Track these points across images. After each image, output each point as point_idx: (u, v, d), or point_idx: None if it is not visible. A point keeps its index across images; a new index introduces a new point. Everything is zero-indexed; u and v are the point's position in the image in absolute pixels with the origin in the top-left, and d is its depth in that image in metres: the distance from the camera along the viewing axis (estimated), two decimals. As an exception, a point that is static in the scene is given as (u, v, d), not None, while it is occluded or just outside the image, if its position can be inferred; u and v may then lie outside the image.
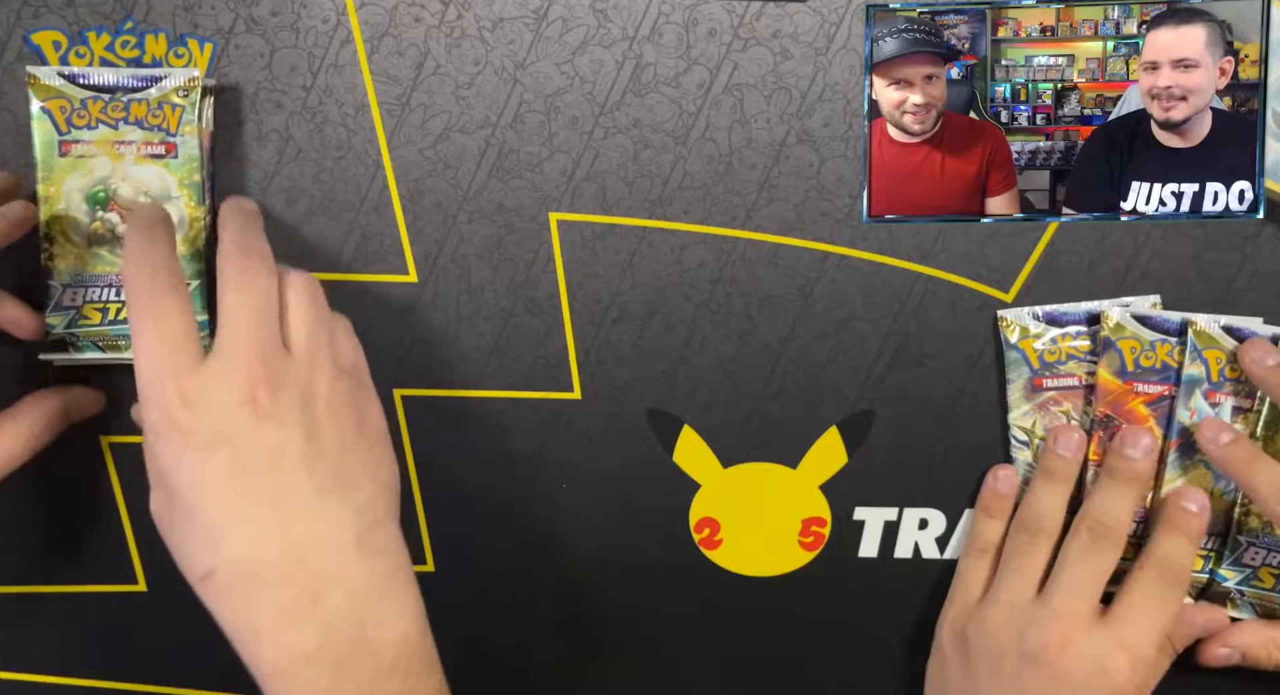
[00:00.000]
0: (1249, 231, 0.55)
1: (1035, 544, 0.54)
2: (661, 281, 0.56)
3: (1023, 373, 0.56)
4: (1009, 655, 0.52)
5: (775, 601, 0.58)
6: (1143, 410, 0.55)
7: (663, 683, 0.59)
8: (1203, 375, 0.54)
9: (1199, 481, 0.55)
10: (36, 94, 0.51)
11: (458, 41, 0.54)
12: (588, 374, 0.57)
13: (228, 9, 0.53)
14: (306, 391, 0.44)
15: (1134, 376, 0.55)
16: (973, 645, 0.54)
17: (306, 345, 0.46)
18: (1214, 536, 0.55)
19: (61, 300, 0.52)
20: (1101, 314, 0.55)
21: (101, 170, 0.52)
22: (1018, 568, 0.54)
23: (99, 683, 0.58)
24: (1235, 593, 0.55)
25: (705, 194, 0.55)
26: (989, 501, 0.56)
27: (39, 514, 0.57)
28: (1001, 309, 0.56)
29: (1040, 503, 0.55)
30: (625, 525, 0.58)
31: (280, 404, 0.43)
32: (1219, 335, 0.54)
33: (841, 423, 0.57)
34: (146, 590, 0.58)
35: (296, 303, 0.47)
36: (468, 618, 0.57)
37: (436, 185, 0.55)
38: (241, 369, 0.43)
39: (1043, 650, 0.51)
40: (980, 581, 0.56)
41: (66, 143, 0.52)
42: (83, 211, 0.52)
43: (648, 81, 0.54)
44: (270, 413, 0.43)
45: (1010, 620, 0.53)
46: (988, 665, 0.53)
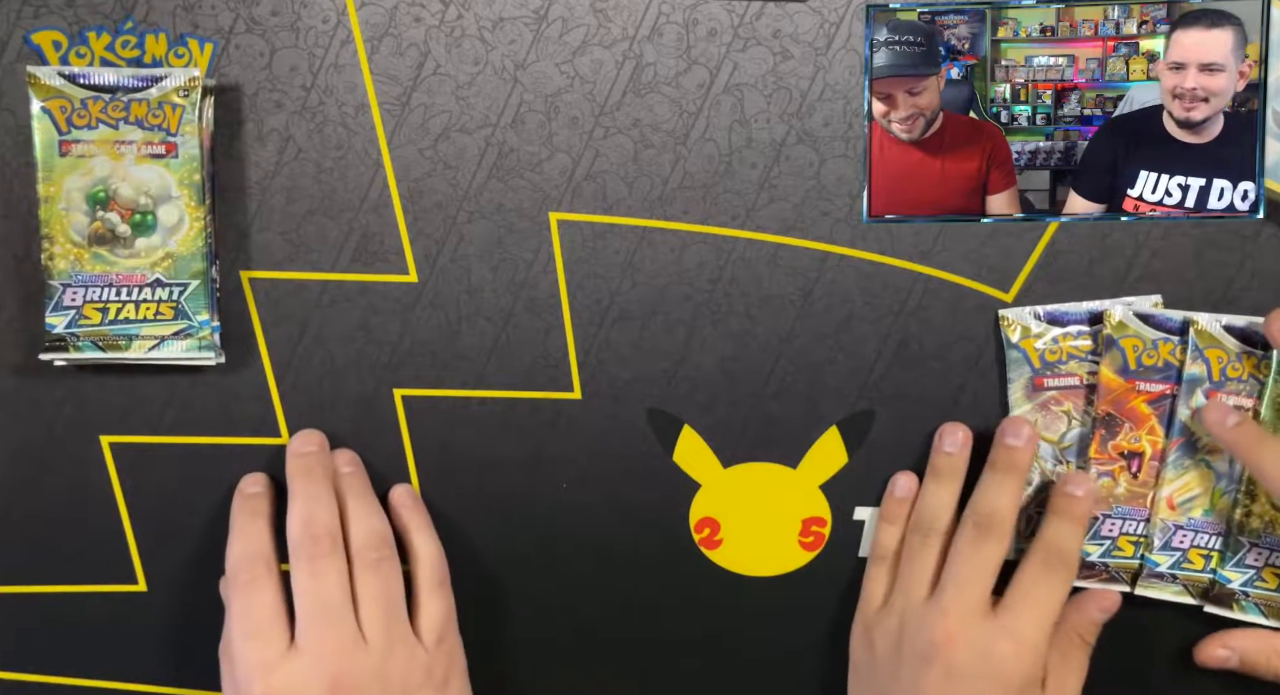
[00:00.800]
0: (1249, 231, 0.55)
1: (926, 544, 0.55)
2: (661, 281, 0.56)
3: (1024, 372, 0.56)
4: (905, 656, 0.53)
5: (775, 601, 0.58)
6: (1144, 409, 0.55)
7: (663, 682, 0.59)
8: (1204, 374, 0.54)
9: (1200, 481, 0.55)
10: (37, 93, 0.51)
11: (458, 41, 0.54)
12: (588, 374, 0.57)
13: (228, 9, 0.53)
14: (384, 679, 0.51)
15: (1136, 375, 0.55)
16: (876, 650, 0.55)
17: (382, 636, 0.51)
18: (1214, 536, 0.55)
19: (62, 300, 0.52)
20: (1104, 313, 0.55)
21: (101, 170, 0.52)
22: (910, 570, 0.55)
23: (99, 683, 0.58)
24: (1240, 594, 0.55)
25: (705, 194, 0.55)
26: (886, 508, 0.57)
27: (39, 514, 0.57)
28: (1002, 309, 0.56)
29: (930, 502, 0.55)
30: (625, 525, 0.58)
31: None
32: (1220, 334, 0.54)
33: (841, 423, 0.57)
34: (146, 590, 0.58)
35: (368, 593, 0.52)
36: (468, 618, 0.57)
37: (436, 185, 0.55)
38: (323, 665, 0.50)
39: (931, 648, 0.52)
40: (881, 588, 0.56)
41: (67, 142, 0.52)
42: (83, 211, 0.52)
43: (648, 81, 0.54)
44: None
45: (904, 621, 0.54)
46: (889, 669, 0.54)
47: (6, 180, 0.54)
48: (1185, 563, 0.55)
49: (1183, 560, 0.55)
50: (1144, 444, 0.55)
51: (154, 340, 0.53)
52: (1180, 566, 0.55)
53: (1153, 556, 0.56)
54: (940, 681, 0.51)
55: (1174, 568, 0.55)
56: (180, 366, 0.55)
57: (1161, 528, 0.55)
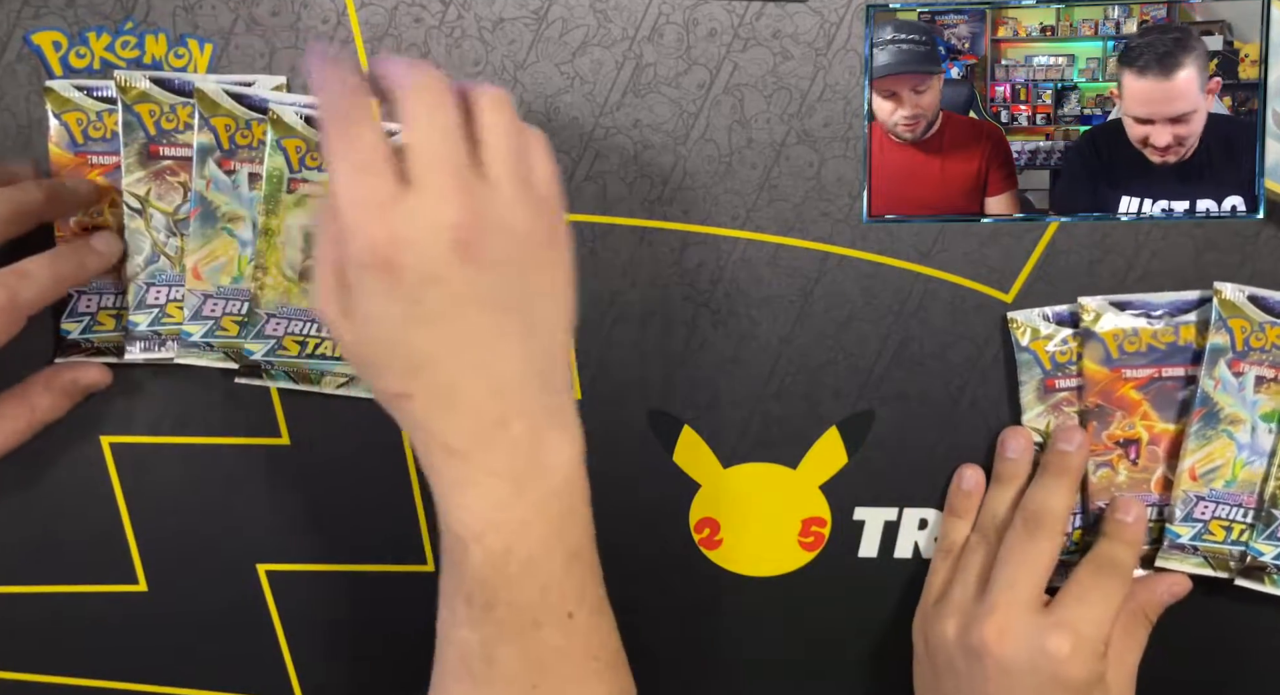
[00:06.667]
0: (1249, 231, 0.55)
1: (982, 542, 0.55)
2: (661, 281, 0.56)
3: (1035, 374, 0.56)
4: (958, 652, 0.53)
5: (775, 601, 0.58)
6: (1134, 395, 0.55)
7: (663, 682, 0.59)
8: (1227, 344, 0.54)
9: (1222, 452, 0.55)
10: (275, 130, 0.53)
11: (458, 41, 0.54)
12: (588, 374, 0.57)
13: (228, 9, 0.53)
14: (509, 231, 0.44)
15: (1120, 363, 0.55)
16: (931, 645, 0.55)
17: (506, 173, 0.44)
18: (1235, 508, 0.55)
19: (264, 329, 0.54)
20: (1081, 305, 0.55)
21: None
22: (965, 566, 0.55)
23: (99, 683, 0.58)
24: (1272, 567, 0.55)
25: (705, 194, 0.55)
26: (955, 502, 0.57)
27: (39, 514, 0.57)
28: (1011, 311, 0.56)
29: (992, 506, 0.56)
30: (625, 525, 0.58)
31: (486, 248, 0.43)
32: (1244, 304, 0.54)
33: (841, 423, 0.57)
34: (146, 590, 0.58)
35: (491, 121, 0.44)
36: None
37: (436, 185, 0.55)
38: (447, 205, 0.42)
39: (982, 644, 0.52)
40: (941, 583, 0.57)
41: (296, 181, 0.54)
42: (299, 247, 0.54)
43: (648, 81, 0.54)
44: (477, 257, 0.43)
45: (956, 618, 0.54)
46: (943, 663, 0.54)
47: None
48: (1206, 534, 0.55)
49: (1204, 531, 0.55)
50: (1139, 430, 0.55)
51: (344, 378, 0.55)
52: (1201, 538, 0.55)
53: (1174, 528, 0.55)
54: (994, 676, 0.52)
55: (1195, 539, 0.55)
56: (181, 367, 0.55)
57: (1184, 499, 0.55)
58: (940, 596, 0.56)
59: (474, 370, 0.44)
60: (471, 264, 0.42)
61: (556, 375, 0.46)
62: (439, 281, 0.42)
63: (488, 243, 0.43)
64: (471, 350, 0.44)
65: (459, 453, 0.45)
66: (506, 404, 0.44)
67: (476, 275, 0.43)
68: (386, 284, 0.42)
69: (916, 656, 0.57)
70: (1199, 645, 0.58)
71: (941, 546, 0.57)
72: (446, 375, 0.44)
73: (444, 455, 0.45)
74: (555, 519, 0.46)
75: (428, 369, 0.44)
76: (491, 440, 0.44)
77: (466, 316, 0.43)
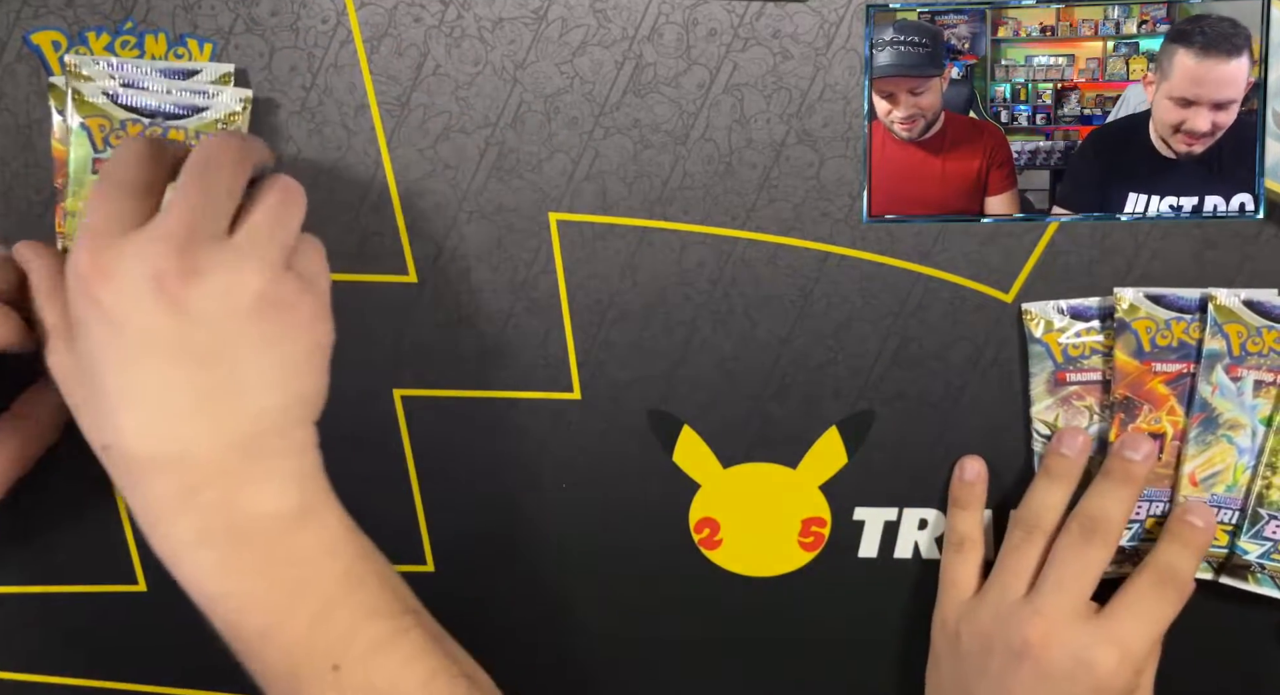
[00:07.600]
0: (1249, 231, 0.55)
1: (1030, 541, 0.54)
2: (661, 281, 0.56)
3: (1046, 367, 0.56)
4: (995, 652, 0.52)
5: (775, 601, 0.58)
6: (1162, 389, 0.55)
7: (663, 683, 0.59)
8: (1223, 350, 0.54)
9: (1222, 457, 0.55)
10: (79, 110, 0.52)
11: (458, 41, 0.54)
12: (588, 374, 0.57)
13: (228, 9, 0.53)
14: (230, 285, 0.42)
15: (1151, 356, 0.55)
16: (963, 642, 0.54)
17: (249, 236, 0.43)
18: (1236, 513, 0.55)
19: None
20: (1115, 296, 0.55)
21: None
22: (1010, 565, 0.54)
23: (99, 683, 0.58)
24: (1256, 566, 0.55)
25: (705, 194, 0.55)
26: (957, 493, 0.56)
27: (39, 514, 0.57)
28: (1025, 303, 0.55)
29: (1039, 500, 0.55)
30: (625, 525, 0.58)
31: (191, 293, 0.42)
32: (1239, 309, 0.54)
33: (841, 423, 0.57)
34: (146, 590, 0.58)
35: (266, 202, 0.44)
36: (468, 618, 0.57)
37: (436, 185, 0.55)
38: (161, 246, 0.42)
39: (1025, 646, 0.51)
40: (967, 576, 0.56)
41: (100, 160, 0.52)
42: None
43: (648, 81, 0.54)
44: (176, 301, 0.42)
45: (998, 617, 0.53)
46: (976, 662, 0.53)
47: (5, 181, 0.54)
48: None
49: None
50: (1165, 424, 0.55)
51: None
52: None
53: None
54: (1031, 680, 0.51)
55: None
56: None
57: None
58: (972, 592, 0.55)
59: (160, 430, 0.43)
60: (170, 307, 0.42)
61: (269, 441, 0.44)
62: (129, 319, 0.42)
63: (194, 288, 0.42)
64: (157, 407, 0.42)
65: (153, 520, 0.43)
66: (194, 470, 0.43)
67: (174, 323, 0.42)
68: (86, 311, 0.42)
69: (934, 654, 0.56)
70: (1184, 641, 0.57)
71: (950, 540, 0.56)
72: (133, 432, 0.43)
73: (145, 522, 0.44)
74: (286, 583, 0.44)
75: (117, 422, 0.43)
76: (179, 508, 0.43)
77: (154, 366, 0.42)
